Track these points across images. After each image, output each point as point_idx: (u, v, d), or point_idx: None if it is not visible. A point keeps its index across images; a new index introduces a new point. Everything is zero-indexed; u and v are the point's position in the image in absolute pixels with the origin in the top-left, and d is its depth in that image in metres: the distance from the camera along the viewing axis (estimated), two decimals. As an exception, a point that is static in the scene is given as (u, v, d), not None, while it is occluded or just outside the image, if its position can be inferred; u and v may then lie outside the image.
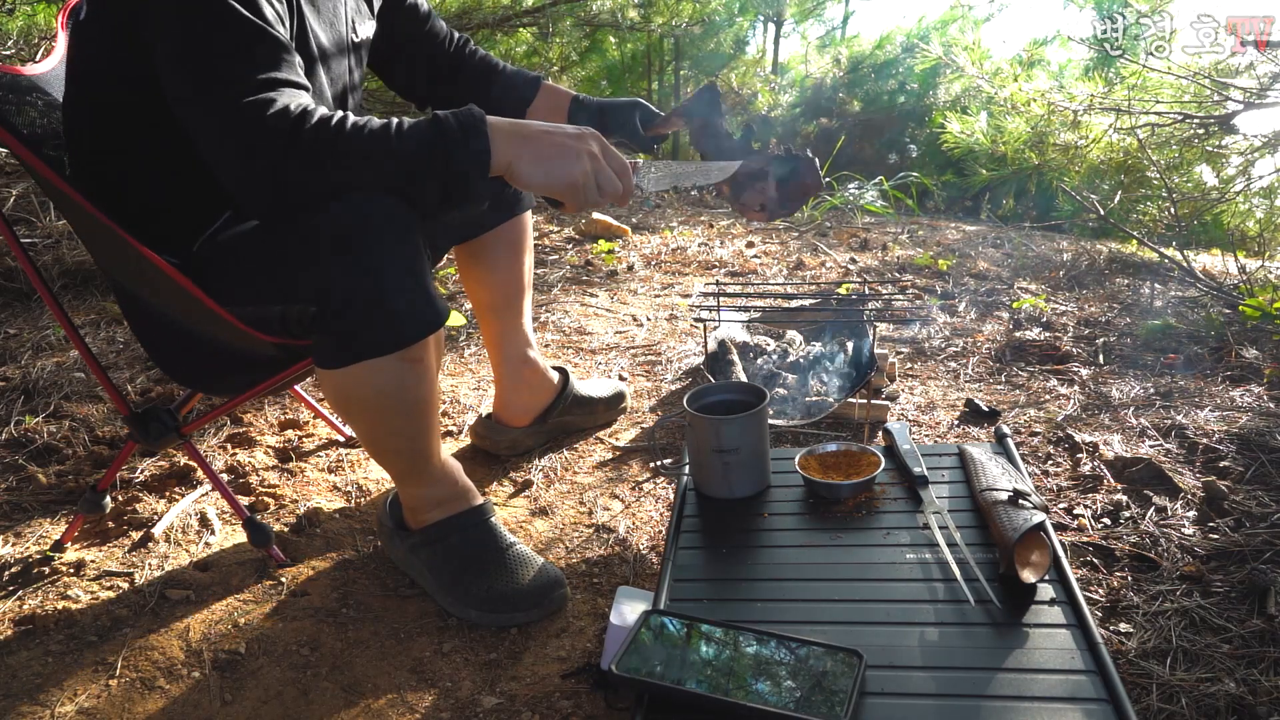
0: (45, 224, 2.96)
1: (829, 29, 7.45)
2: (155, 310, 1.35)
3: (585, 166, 1.13)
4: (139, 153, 1.22)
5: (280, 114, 1.02)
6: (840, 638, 1.01)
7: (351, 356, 1.15)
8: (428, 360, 1.20)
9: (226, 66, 1.04)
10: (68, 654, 1.26)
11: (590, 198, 1.15)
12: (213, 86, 1.04)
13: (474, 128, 1.08)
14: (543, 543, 1.52)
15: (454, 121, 1.07)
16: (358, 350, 1.14)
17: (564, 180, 1.12)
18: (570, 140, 1.13)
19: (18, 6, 3.59)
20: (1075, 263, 3.15)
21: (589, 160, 1.14)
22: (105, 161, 1.23)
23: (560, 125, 1.15)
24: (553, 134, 1.13)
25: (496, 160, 1.09)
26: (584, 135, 1.15)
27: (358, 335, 1.14)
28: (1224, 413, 1.75)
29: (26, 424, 1.93)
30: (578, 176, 1.13)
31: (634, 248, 3.48)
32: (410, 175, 1.07)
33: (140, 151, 1.22)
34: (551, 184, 1.12)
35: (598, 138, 1.16)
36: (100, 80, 1.19)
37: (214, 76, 1.04)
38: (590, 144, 1.15)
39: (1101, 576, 1.29)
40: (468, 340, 2.45)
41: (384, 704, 1.15)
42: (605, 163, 1.16)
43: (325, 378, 1.20)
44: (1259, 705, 1.03)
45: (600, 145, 1.16)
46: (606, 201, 1.17)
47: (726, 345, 2.03)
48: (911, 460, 1.37)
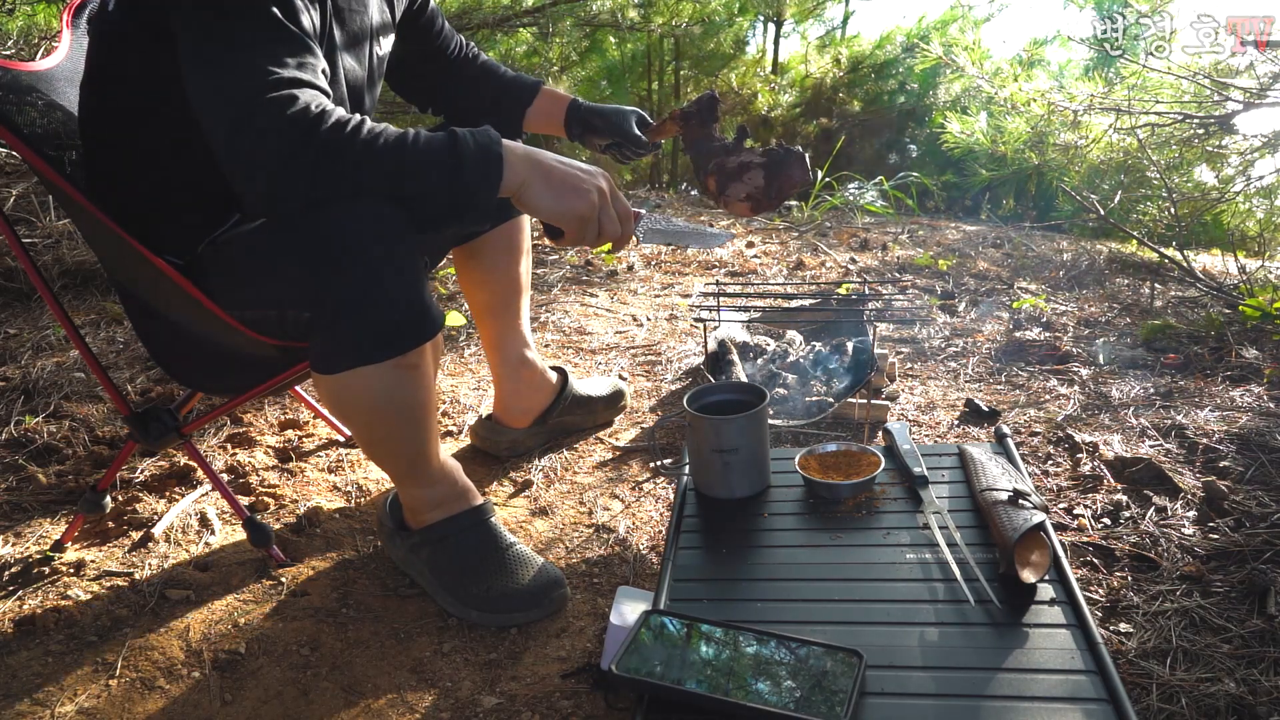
0: (45, 224, 2.96)
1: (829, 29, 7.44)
2: (156, 310, 1.35)
3: (593, 201, 1.14)
4: (154, 151, 1.21)
5: (300, 111, 1.02)
6: (840, 638, 1.01)
7: (346, 363, 1.15)
8: (423, 366, 1.20)
9: (248, 60, 1.04)
10: (68, 654, 1.26)
11: (591, 234, 1.16)
12: (233, 79, 1.04)
13: (489, 148, 1.08)
14: (543, 543, 1.52)
15: (470, 140, 1.08)
16: (352, 357, 1.14)
17: (572, 212, 1.13)
18: (582, 174, 1.15)
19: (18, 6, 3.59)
20: (1075, 263, 3.15)
21: (597, 197, 1.15)
22: (120, 159, 1.23)
23: (573, 161, 1.16)
24: (566, 165, 1.15)
25: (508, 182, 1.10)
26: (595, 173, 1.16)
27: (352, 342, 1.14)
28: (1224, 413, 1.75)
29: (26, 424, 1.93)
30: (585, 210, 1.13)
31: (633, 247, 3.48)
32: (421, 187, 1.07)
33: (155, 150, 1.21)
34: (559, 213, 1.13)
35: (608, 178, 1.18)
36: (123, 78, 1.19)
37: (236, 69, 1.04)
38: (600, 182, 1.16)
39: (1101, 576, 1.29)
40: (468, 340, 2.45)
41: (384, 704, 1.15)
42: (611, 204, 1.17)
43: (321, 382, 1.20)
44: (1259, 705, 1.03)
45: (609, 186, 1.17)
46: (604, 242, 1.18)
47: (726, 345, 2.03)
48: (911, 460, 1.37)
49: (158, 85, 1.15)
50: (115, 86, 1.21)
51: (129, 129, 1.22)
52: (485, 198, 1.09)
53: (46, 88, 1.34)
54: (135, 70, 1.18)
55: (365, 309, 1.11)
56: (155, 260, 1.17)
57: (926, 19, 6.49)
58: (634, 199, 4.66)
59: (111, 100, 1.22)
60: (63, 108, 1.34)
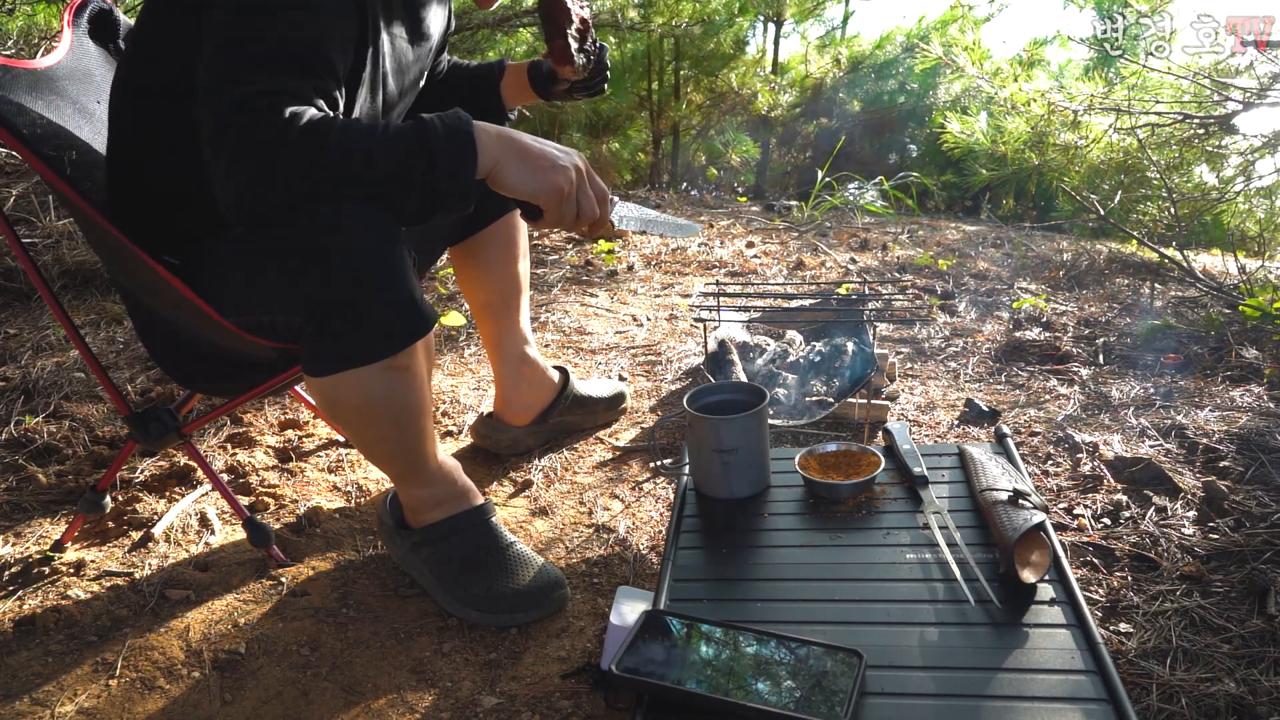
0: (45, 224, 2.96)
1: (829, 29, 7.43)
2: (155, 311, 1.35)
3: (571, 178, 1.15)
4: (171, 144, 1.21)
5: (273, 116, 1.02)
6: (840, 638, 1.01)
7: (336, 365, 1.15)
8: (415, 367, 1.20)
9: (248, 72, 1.04)
10: (68, 654, 1.26)
11: (570, 212, 1.16)
12: (226, 85, 1.04)
13: (458, 129, 1.08)
14: (543, 543, 1.52)
15: (440, 125, 1.08)
16: (342, 359, 1.14)
17: (551, 186, 1.13)
18: (558, 152, 1.15)
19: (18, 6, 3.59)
20: (1075, 263, 3.15)
21: (575, 175, 1.15)
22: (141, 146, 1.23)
23: (548, 141, 1.17)
24: (541, 144, 1.15)
25: (482, 162, 1.10)
26: (571, 153, 1.17)
27: (342, 344, 1.14)
28: (1224, 413, 1.75)
29: (26, 424, 1.93)
30: (564, 184, 1.14)
31: (634, 248, 3.48)
32: (396, 176, 1.07)
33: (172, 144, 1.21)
34: (537, 190, 1.13)
35: (583, 159, 1.18)
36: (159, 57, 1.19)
37: (232, 77, 1.04)
38: (577, 160, 1.16)
39: (1101, 576, 1.29)
40: (468, 340, 2.45)
41: (384, 704, 1.15)
42: (588, 183, 1.17)
43: (314, 385, 1.20)
44: (1259, 705, 1.03)
45: (585, 166, 1.18)
46: (583, 224, 1.19)
47: (726, 345, 2.03)
48: (911, 460, 1.37)
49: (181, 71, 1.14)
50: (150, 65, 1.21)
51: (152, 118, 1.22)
52: (462, 179, 1.09)
53: (47, 87, 1.34)
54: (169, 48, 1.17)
55: (353, 310, 1.11)
56: (151, 263, 1.17)
57: (926, 19, 6.49)
58: (634, 198, 4.66)
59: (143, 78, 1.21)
60: (63, 107, 1.34)
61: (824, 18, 7.11)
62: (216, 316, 1.18)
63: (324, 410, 1.28)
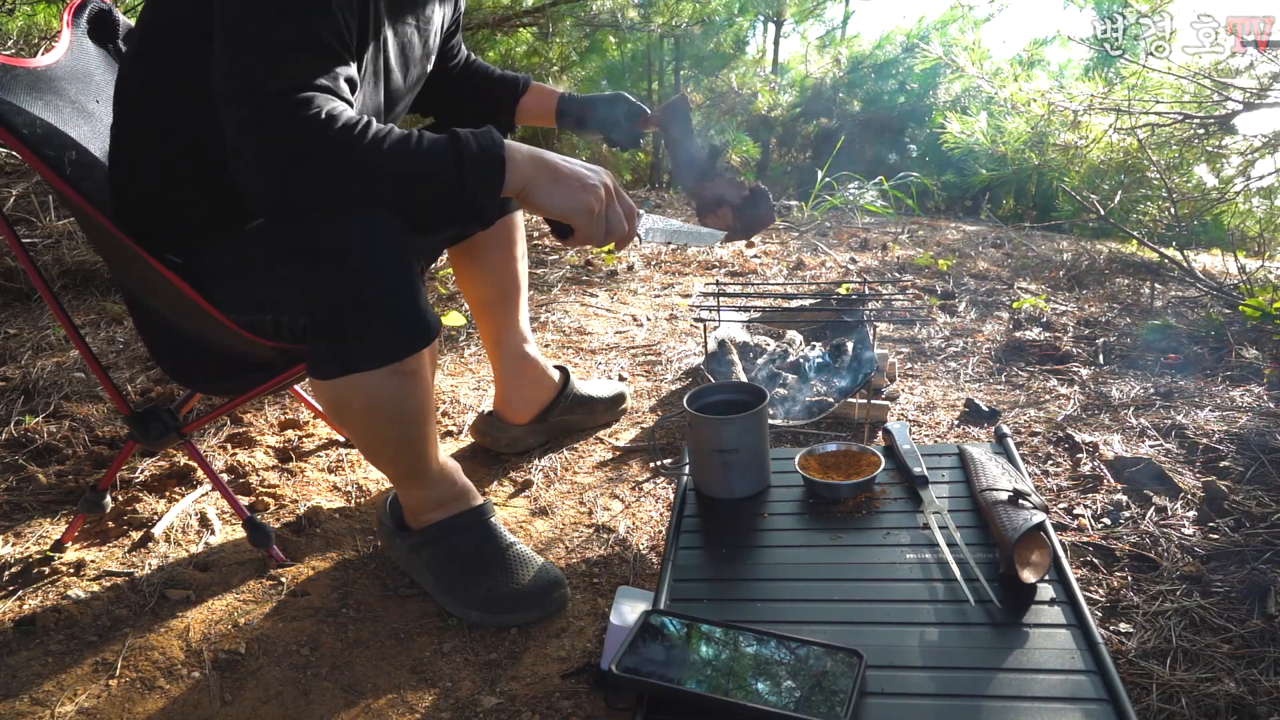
0: (45, 224, 2.96)
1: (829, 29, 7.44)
2: (155, 310, 1.35)
3: (601, 197, 1.16)
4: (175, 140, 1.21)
5: (313, 115, 1.02)
6: (840, 638, 1.01)
7: (342, 369, 1.15)
8: (421, 372, 1.20)
9: (277, 64, 1.04)
10: (68, 654, 1.26)
11: (600, 230, 1.17)
12: (253, 74, 1.03)
13: (491, 150, 1.09)
14: (543, 543, 1.52)
15: (473, 141, 1.08)
16: (349, 363, 1.14)
17: (583, 207, 1.14)
18: (588, 172, 1.16)
19: (18, 6, 3.59)
20: (1075, 263, 3.15)
21: (604, 193, 1.16)
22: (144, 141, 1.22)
23: (576, 160, 1.18)
24: (570, 163, 1.16)
25: (512, 181, 1.11)
26: (600, 171, 1.18)
27: (348, 349, 1.13)
28: (1224, 413, 1.75)
29: (26, 424, 1.93)
30: (593, 204, 1.15)
31: (634, 248, 3.48)
32: (424, 188, 1.08)
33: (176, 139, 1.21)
34: (568, 210, 1.14)
35: (612, 177, 1.19)
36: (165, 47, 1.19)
37: (258, 65, 1.04)
38: (606, 179, 1.17)
39: (1101, 576, 1.29)
40: (468, 340, 2.45)
41: (384, 704, 1.15)
42: (616, 201, 1.18)
43: (318, 387, 1.19)
44: (1259, 705, 1.03)
45: (614, 184, 1.19)
46: (611, 241, 1.20)
47: (726, 345, 2.03)
48: (911, 460, 1.37)
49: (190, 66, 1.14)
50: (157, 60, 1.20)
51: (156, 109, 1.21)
52: (487, 199, 1.10)
53: (46, 87, 1.34)
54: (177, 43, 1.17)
55: (362, 317, 1.11)
56: (152, 261, 1.17)
57: (926, 19, 6.49)
58: (634, 199, 4.66)
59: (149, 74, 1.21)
60: (62, 107, 1.34)
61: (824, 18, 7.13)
62: (218, 315, 1.18)
63: (329, 413, 1.28)
